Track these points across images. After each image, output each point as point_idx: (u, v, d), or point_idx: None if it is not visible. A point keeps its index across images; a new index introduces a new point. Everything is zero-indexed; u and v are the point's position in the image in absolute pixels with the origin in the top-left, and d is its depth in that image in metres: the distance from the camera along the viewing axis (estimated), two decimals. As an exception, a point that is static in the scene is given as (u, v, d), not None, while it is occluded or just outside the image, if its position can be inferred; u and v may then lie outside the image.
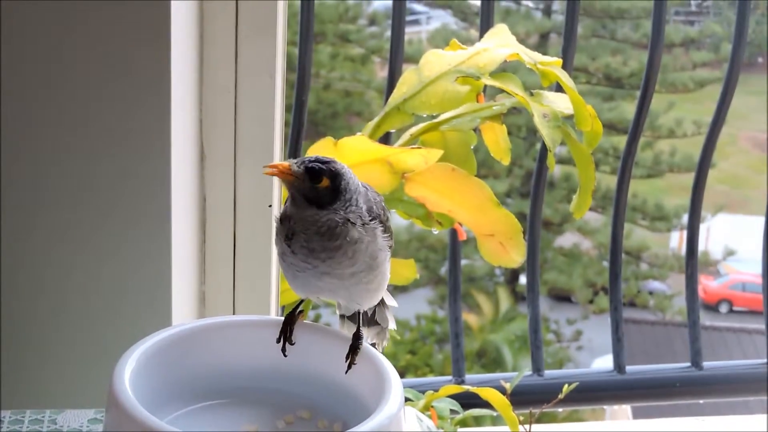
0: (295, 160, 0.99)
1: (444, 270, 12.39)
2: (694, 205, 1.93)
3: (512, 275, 12.76)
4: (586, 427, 2.84)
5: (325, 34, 13.00)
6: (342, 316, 1.12)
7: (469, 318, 11.80)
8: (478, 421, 1.75)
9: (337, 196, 0.99)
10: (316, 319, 9.93)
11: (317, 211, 0.98)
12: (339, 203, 0.99)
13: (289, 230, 1.00)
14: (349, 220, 0.99)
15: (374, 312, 1.13)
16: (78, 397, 1.16)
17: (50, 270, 1.18)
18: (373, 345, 1.10)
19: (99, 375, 1.02)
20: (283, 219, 1.01)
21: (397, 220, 1.20)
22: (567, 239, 13.24)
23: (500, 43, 1.44)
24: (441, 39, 13.04)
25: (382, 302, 1.13)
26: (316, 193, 0.98)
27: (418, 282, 1.94)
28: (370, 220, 1.00)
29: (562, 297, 12.96)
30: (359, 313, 1.06)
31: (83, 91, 1.13)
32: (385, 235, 1.02)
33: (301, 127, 1.65)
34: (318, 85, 13.38)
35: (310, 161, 0.98)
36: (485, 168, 11.07)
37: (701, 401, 1.98)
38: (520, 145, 12.54)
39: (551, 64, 1.42)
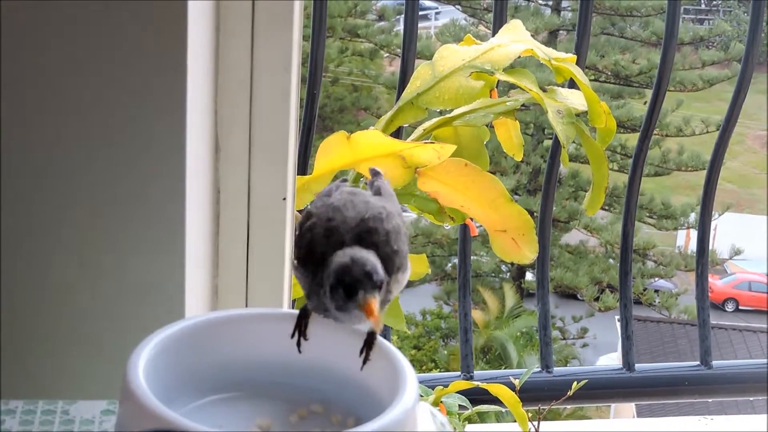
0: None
1: (450, 266, 12.39)
2: (705, 204, 1.92)
3: (518, 272, 12.76)
4: (593, 425, 2.84)
5: (333, 28, 13.01)
6: None
7: (475, 314, 11.80)
8: (482, 418, 1.75)
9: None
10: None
11: None
12: None
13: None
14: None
15: None
16: (90, 388, 1.16)
17: (63, 261, 1.18)
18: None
19: (111, 366, 1.02)
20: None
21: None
22: (573, 236, 13.24)
23: (515, 39, 1.43)
24: (450, 35, 13.05)
25: None
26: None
27: (424, 278, 1.94)
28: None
29: (568, 294, 12.96)
30: None
31: (98, 85, 1.13)
32: (406, 240, 0.97)
33: (312, 121, 1.66)
34: (326, 80, 13.40)
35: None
36: (492, 164, 11.01)
37: (709, 400, 1.97)
38: (528, 141, 12.55)
39: (566, 60, 1.42)
